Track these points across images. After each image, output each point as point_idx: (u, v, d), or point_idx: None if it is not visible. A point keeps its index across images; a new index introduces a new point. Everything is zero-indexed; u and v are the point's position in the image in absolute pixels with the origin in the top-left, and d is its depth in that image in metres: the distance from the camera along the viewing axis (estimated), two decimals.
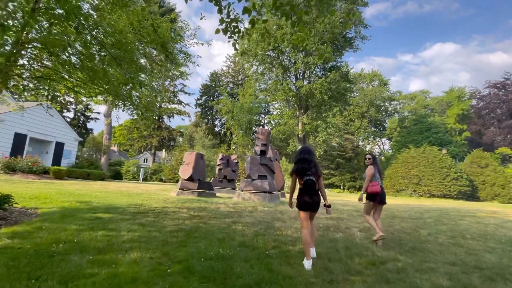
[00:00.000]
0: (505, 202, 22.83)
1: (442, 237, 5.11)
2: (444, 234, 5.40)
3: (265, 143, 9.67)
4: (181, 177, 9.55)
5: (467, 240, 4.99)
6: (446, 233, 5.58)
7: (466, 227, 6.48)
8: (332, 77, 22.94)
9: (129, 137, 52.63)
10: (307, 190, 3.18)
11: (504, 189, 23.23)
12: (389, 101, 59.25)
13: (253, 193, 8.99)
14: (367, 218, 4.60)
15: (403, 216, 7.68)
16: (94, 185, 11.07)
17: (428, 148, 25.35)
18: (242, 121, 37.35)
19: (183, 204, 6.83)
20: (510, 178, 24.38)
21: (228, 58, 58.12)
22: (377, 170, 4.54)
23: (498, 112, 49.16)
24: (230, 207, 7.00)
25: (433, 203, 16.01)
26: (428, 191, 23.16)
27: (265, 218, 5.72)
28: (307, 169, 3.19)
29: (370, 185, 4.47)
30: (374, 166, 4.54)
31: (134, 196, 7.81)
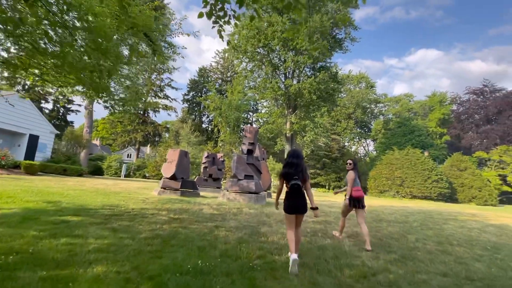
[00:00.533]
0: (481, 204, 23.78)
1: (430, 244, 5.01)
2: (432, 240, 5.32)
3: (252, 141, 9.37)
4: (164, 175, 9.08)
5: (454, 247, 4.92)
6: (433, 238, 5.52)
7: (451, 231, 6.48)
8: (321, 77, 22.94)
9: (113, 131, 50.82)
10: (293, 194, 3.27)
11: (480, 192, 24.18)
12: (375, 103, 60.50)
13: (239, 193, 8.68)
14: (342, 220, 5.01)
15: (389, 220, 7.63)
16: (69, 182, 10.38)
17: (411, 151, 25.96)
18: (230, 118, 36.83)
19: (163, 205, 6.42)
20: (486, 181, 25.43)
21: (217, 54, 57.15)
22: (356, 175, 4.75)
23: (476, 117, 51.37)
24: (214, 209, 6.66)
25: (416, 205, 16.33)
26: (410, 192, 23.73)
27: (251, 222, 5.43)
28: (294, 174, 3.29)
29: (354, 190, 4.66)
30: (354, 171, 4.72)
31: (110, 195, 7.30)
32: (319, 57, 24.43)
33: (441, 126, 54.83)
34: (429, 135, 47.66)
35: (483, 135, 45.63)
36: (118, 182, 13.51)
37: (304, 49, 22.58)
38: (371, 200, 19.38)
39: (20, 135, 15.68)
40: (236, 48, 25.57)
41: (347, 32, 26.96)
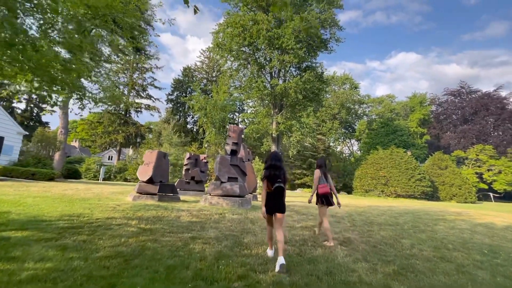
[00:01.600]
0: (461, 202, 24.41)
1: (426, 249, 4.66)
2: (427, 245, 4.98)
3: (236, 141, 8.80)
4: (140, 179, 8.32)
5: (452, 252, 4.60)
6: (428, 243, 5.19)
7: (444, 234, 6.22)
8: (307, 76, 22.72)
9: (92, 133, 48.47)
10: (276, 195, 3.48)
11: (460, 190, 24.85)
12: (358, 104, 61.58)
13: (222, 197, 8.08)
14: (325, 222, 4.77)
15: (380, 222, 7.31)
16: (33, 187, 9.36)
17: (395, 150, 26.30)
18: (215, 118, 36.00)
19: (135, 213, 5.72)
20: (466, 179, 26.20)
21: (202, 53, 56.10)
22: (323, 173, 4.91)
23: (454, 117, 53.44)
24: (193, 216, 6.04)
25: (401, 204, 16.36)
26: (394, 191, 23.98)
27: (233, 230, 4.87)
28: (278, 176, 3.49)
29: (319, 187, 4.81)
30: (320, 170, 4.91)
31: (76, 203, 6.49)
32: (305, 56, 24.24)
33: (421, 126, 56.61)
34: (410, 135, 48.96)
35: (460, 135, 47.47)
36: (92, 186, 12.49)
37: (290, 48, 22.28)
38: (357, 200, 19.31)
39: None
40: (220, 46, 24.91)
41: (332, 32, 26.97)
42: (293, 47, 22.31)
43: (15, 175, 13.68)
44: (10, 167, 13.69)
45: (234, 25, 23.33)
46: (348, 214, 8.62)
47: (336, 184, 37.45)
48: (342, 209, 10.28)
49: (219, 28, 25.71)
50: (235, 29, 23.25)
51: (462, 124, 50.06)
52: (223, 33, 25.02)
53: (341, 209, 10.17)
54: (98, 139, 44.99)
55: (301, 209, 9.20)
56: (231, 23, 23.67)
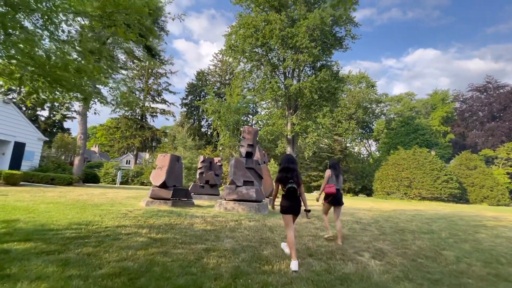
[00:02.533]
0: (494, 205, 22.68)
1: (475, 264, 3.99)
2: (475, 258, 4.30)
3: (251, 143, 8.38)
4: (153, 183, 8.08)
5: (507, 268, 3.91)
6: (474, 255, 4.49)
7: (490, 244, 5.45)
8: (322, 75, 22.02)
9: (111, 138, 49.87)
10: (289, 196, 3.56)
11: (492, 191, 23.09)
12: (376, 103, 59.58)
13: (238, 202, 7.67)
14: (324, 217, 5.26)
15: (412, 229, 6.60)
16: (50, 193, 9.37)
17: (418, 150, 24.92)
18: (229, 121, 35.94)
19: (146, 221, 5.40)
20: (498, 180, 24.34)
21: (215, 56, 56.50)
22: (334, 173, 5.00)
23: (480, 114, 50.38)
24: (208, 223, 5.65)
25: (429, 208, 15.26)
26: (419, 193, 22.64)
27: (251, 240, 4.42)
28: (290, 178, 3.56)
29: (326, 187, 4.96)
30: (331, 170, 5.03)
31: (87, 209, 6.29)
32: (319, 55, 23.56)
33: (444, 125, 53.85)
34: (433, 134, 46.63)
35: (488, 133, 44.59)
36: (108, 191, 12.49)
37: (304, 47, 21.70)
38: (379, 203, 18.31)
39: (4, 142, 14.72)
40: (233, 48, 24.74)
41: (348, 29, 26.11)
42: (307, 45, 21.72)
43: (36, 180, 13.99)
44: (31, 173, 14.01)
45: (247, 26, 23.09)
46: (374, 220, 7.94)
47: (354, 186, 36.16)
48: (367, 214, 9.57)
49: (231, 30, 25.58)
50: (248, 30, 22.99)
51: (490, 121, 47.06)
52: (235, 34, 24.85)
53: (365, 214, 9.47)
54: (116, 144, 46.19)
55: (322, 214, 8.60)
56: (244, 24, 23.45)
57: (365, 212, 10.21)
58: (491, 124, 45.50)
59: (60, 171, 16.30)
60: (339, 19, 24.51)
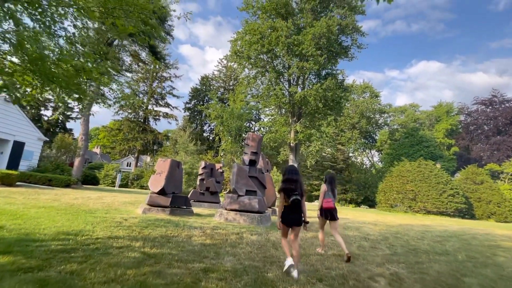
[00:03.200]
0: (501, 221, 22.02)
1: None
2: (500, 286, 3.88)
3: (255, 151, 8.04)
4: (151, 189, 7.72)
5: None
6: (500, 284, 4.07)
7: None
8: (327, 83, 21.76)
9: (113, 140, 49.76)
10: (292, 208, 3.54)
11: (500, 208, 22.46)
12: (379, 113, 59.27)
13: (239, 212, 7.27)
14: (320, 233, 5.17)
15: (425, 249, 6.16)
16: (44, 196, 9.03)
17: (423, 162, 24.43)
18: (232, 127, 35.75)
19: (141, 231, 5.02)
20: (505, 196, 23.72)
21: (219, 62, 56.81)
22: (330, 188, 5.06)
23: (486, 128, 49.81)
24: (207, 236, 5.26)
25: (436, 223, 14.73)
26: (424, 207, 22.05)
27: (254, 259, 4.02)
28: (294, 189, 3.53)
29: (324, 202, 4.98)
30: (326, 185, 5.08)
31: (80, 216, 5.93)
32: (325, 63, 23.38)
33: (448, 137, 53.31)
34: (437, 146, 46.07)
35: (494, 147, 43.96)
36: (105, 194, 12.13)
37: (310, 55, 21.53)
38: (384, 216, 17.76)
39: (3, 141, 14.48)
40: (238, 54, 24.65)
41: (354, 38, 26.00)
42: (313, 53, 21.55)
43: (33, 181, 13.67)
44: (28, 173, 13.70)
45: (253, 33, 23.02)
46: (383, 237, 7.49)
47: (357, 197, 35.53)
48: (374, 229, 9.12)
49: (237, 36, 25.54)
50: (254, 36, 22.91)
51: (495, 135, 46.45)
52: (241, 40, 24.78)
53: (372, 229, 9.02)
54: (117, 145, 46.00)
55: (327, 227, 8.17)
56: (250, 30, 23.38)
57: (371, 227, 9.76)
58: (497, 138, 44.90)
59: (59, 172, 15.99)
60: (345, 28, 24.41)
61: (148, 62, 36.85)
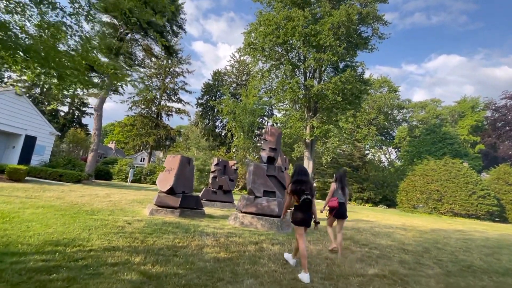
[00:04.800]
0: None
1: None
2: None
3: (274, 147, 7.16)
4: (159, 188, 7.02)
5: None
6: None
7: None
8: (346, 76, 20.45)
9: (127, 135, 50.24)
10: (304, 208, 3.62)
11: None
12: (398, 109, 56.75)
13: (257, 216, 6.45)
14: (328, 229, 5.18)
15: (480, 266, 5.10)
16: (49, 192, 8.55)
17: (450, 161, 22.74)
18: (244, 122, 34.99)
19: (145, 239, 4.28)
20: None
21: (232, 57, 56.03)
22: (340, 187, 5.05)
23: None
24: (221, 246, 4.46)
25: (468, 227, 13.38)
26: (451, 209, 20.49)
27: (280, 282, 3.17)
28: (305, 190, 3.60)
29: (330, 200, 4.99)
30: (336, 183, 5.08)
31: (80, 218, 5.28)
32: (344, 54, 22.03)
33: (473, 134, 50.31)
34: (461, 144, 43.49)
35: None
36: (115, 191, 11.64)
37: (328, 45, 20.29)
38: (407, 218, 16.49)
39: (14, 135, 14.31)
40: (252, 46, 23.68)
41: (375, 28, 24.41)
42: (332, 43, 20.28)
43: (43, 176, 13.41)
44: (39, 168, 13.46)
45: (267, 23, 21.96)
46: (422, 247, 6.46)
47: (374, 196, 34.04)
48: (406, 235, 8.07)
49: (251, 27, 24.55)
50: (268, 27, 21.86)
51: None
52: (255, 32, 23.80)
53: (405, 236, 7.98)
54: (130, 141, 46.33)
55: (355, 234, 7.21)
56: (264, 21, 22.33)
57: (402, 233, 8.70)
58: None
59: (70, 167, 15.75)
60: (366, 17, 22.89)
61: (160, 57, 36.50)
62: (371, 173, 35.96)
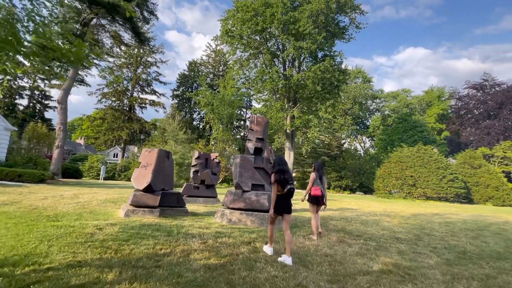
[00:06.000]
0: (498, 205, 21.91)
1: None
2: None
3: (261, 137, 6.68)
4: (135, 186, 6.27)
5: None
6: None
7: None
8: (326, 65, 20.36)
9: (98, 130, 46.90)
10: (287, 197, 3.85)
11: (498, 191, 22.30)
12: (372, 99, 58.72)
13: (245, 212, 5.97)
14: (312, 220, 5.28)
15: (473, 251, 5.08)
16: (2, 196, 7.41)
17: (422, 148, 23.84)
18: (223, 114, 34.10)
19: (119, 248, 3.63)
20: (503, 180, 23.60)
21: (208, 46, 54.08)
22: (318, 176, 5.32)
23: (476, 112, 50.14)
24: (210, 249, 3.94)
25: (443, 210, 14.06)
26: (424, 193, 21.58)
27: None
28: (288, 179, 3.81)
29: (312, 189, 5.27)
30: (315, 173, 5.33)
31: (38, 225, 4.45)
32: (323, 43, 21.87)
33: (439, 122, 53.57)
34: (430, 131, 46.10)
35: (484, 131, 44.32)
36: (84, 191, 10.54)
37: (307, 33, 19.95)
38: (385, 204, 17.01)
39: None
40: (229, 33, 22.71)
41: (352, 17, 24.46)
42: (311, 31, 19.98)
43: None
44: None
45: (245, 9, 21.09)
46: (413, 234, 6.41)
47: (352, 183, 35.11)
48: (392, 222, 8.08)
49: (228, 14, 23.49)
50: (246, 14, 21.01)
51: (485, 119, 46.86)
52: (232, 19, 22.81)
53: (391, 223, 7.98)
54: (101, 136, 43.48)
55: (345, 224, 7.02)
56: (242, 7, 21.43)
57: (388, 220, 8.74)
58: (487, 122, 45.28)
59: (31, 166, 14.15)
60: (344, 6, 22.80)
61: (131, 45, 34.02)
62: (348, 161, 37.01)
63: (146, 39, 30.50)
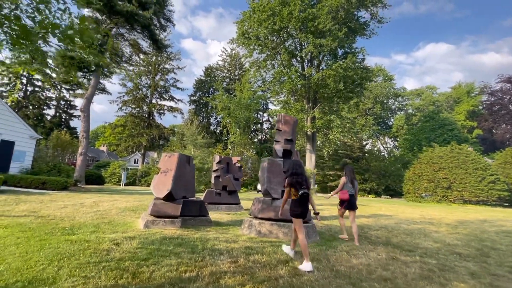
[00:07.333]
0: None
1: None
2: None
3: (290, 137, 6.00)
4: (154, 194, 5.79)
5: None
6: None
7: None
8: (348, 62, 19.35)
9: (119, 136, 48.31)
10: (302, 201, 3.73)
11: None
12: (393, 98, 56.16)
13: (276, 222, 5.29)
14: (340, 220, 5.64)
15: None
16: (22, 206, 7.23)
17: (456, 147, 22.00)
18: (240, 118, 33.71)
19: (138, 271, 3.08)
20: None
21: (223, 51, 54.37)
22: (349, 179, 5.36)
23: (511, 108, 46.39)
24: (243, 270, 3.30)
25: (488, 215, 12.55)
26: (461, 196, 19.77)
27: None
28: (302, 183, 3.72)
29: (341, 193, 5.33)
30: (346, 177, 5.40)
31: (51, 240, 4.03)
32: (344, 40, 20.89)
33: (470, 119, 50.09)
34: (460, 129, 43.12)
35: None
36: (105, 198, 10.33)
37: (327, 30, 19.11)
38: (422, 209, 15.61)
39: None
40: (246, 35, 22.33)
41: (373, 12, 23.30)
42: (331, 28, 19.11)
43: (24, 185, 12.01)
44: (19, 176, 12.03)
45: (262, 9, 20.63)
46: (473, 248, 5.42)
47: (377, 186, 33.35)
48: (440, 232, 7.04)
49: (244, 16, 23.18)
50: (263, 14, 20.54)
51: None
52: (248, 20, 22.45)
53: (439, 232, 6.94)
54: (122, 142, 44.57)
55: (388, 235, 6.11)
56: (258, 7, 21.00)
57: (433, 229, 7.69)
58: None
59: (55, 173, 14.32)
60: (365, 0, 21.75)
61: (149, 53, 34.68)
62: (372, 163, 35.22)
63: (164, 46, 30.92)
